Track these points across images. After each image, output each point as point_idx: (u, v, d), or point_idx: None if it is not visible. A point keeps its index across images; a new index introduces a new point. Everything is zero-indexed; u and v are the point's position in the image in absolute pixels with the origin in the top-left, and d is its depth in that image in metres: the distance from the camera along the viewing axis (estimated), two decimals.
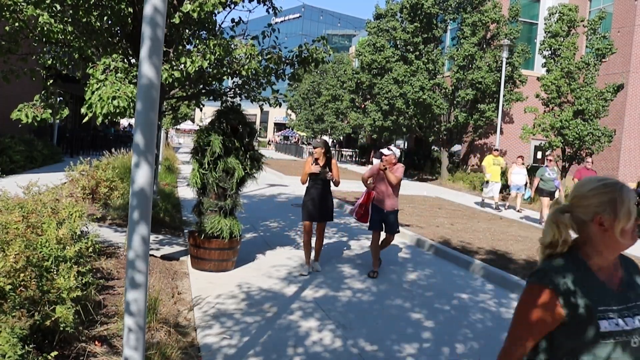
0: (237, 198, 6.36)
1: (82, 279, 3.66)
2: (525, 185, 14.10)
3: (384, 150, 6.63)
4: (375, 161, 24.07)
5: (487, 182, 14.37)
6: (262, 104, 7.37)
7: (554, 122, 15.22)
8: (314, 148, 6.49)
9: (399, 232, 6.84)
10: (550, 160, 12.44)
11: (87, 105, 4.93)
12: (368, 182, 6.68)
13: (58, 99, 5.82)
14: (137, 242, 2.42)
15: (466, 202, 15.42)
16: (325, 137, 43.37)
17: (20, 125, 5.73)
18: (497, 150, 14.99)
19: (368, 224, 6.69)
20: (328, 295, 5.63)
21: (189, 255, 6.43)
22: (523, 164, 14.49)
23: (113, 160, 10.98)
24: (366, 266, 7.07)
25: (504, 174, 14.88)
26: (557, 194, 11.65)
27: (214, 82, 6.83)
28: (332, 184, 6.58)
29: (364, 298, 5.67)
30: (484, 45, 21.41)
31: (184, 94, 7.13)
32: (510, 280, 6.54)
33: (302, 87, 42.15)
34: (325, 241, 8.46)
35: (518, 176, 13.99)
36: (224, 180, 6.17)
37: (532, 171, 18.36)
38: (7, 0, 5.16)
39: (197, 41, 6.12)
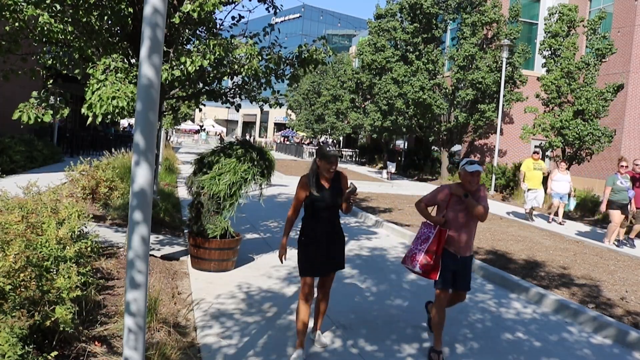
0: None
1: (82, 279, 3.66)
2: (569, 194, 12.16)
3: (470, 167, 4.20)
4: (390, 165, 23.03)
5: (529, 189, 12.44)
6: (262, 104, 7.37)
7: (554, 122, 15.21)
8: (329, 163, 4.00)
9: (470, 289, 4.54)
10: (623, 166, 9.75)
11: (87, 106, 4.93)
12: (436, 215, 4.46)
13: (58, 99, 5.80)
14: (137, 242, 2.42)
15: None
16: (325, 138, 43.30)
17: (22, 126, 5.73)
18: (536, 153, 12.75)
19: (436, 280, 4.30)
20: None
21: (189, 255, 6.43)
22: (567, 169, 12.52)
23: (113, 160, 10.98)
24: (366, 266, 7.07)
25: (545, 180, 12.96)
26: (630, 207, 9.61)
27: (214, 82, 6.83)
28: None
29: (364, 298, 5.67)
30: (484, 46, 21.42)
31: (184, 94, 7.13)
32: (510, 280, 6.54)
33: (302, 87, 42.15)
34: None
35: (560, 183, 12.08)
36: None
37: None
38: (7, 0, 5.16)
39: (197, 41, 6.12)
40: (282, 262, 4.08)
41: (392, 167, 23.14)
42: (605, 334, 5.09)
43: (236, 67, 6.15)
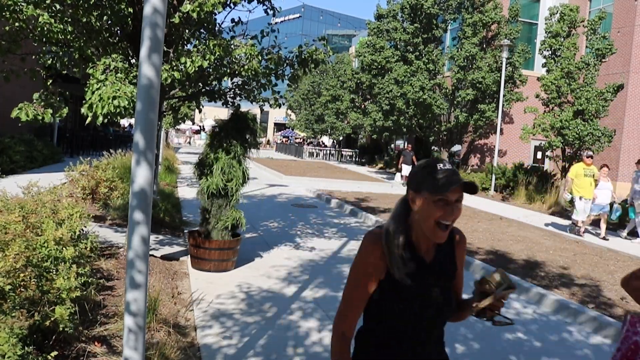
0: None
1: (81, 279, 3.66)
2: (612, 204, 10.66)
3: None
4: (405, 167, 21.08)
5: (579, 198, 10.49)
6: (262, 105, 7.37)
7: (554, 122, 15.21)
8: (445, 205, 1.65)
9: None
10: None
11: (87, 106, 4.93)
12: None
13: (58, 99, 5.80)
14: (137, 242, 2.42)
15: (466, 202, 15.39)
16: (325, 138, 43.26)
17: (20, 124, 5.73)
18: (589, 156, 10.60)
19: None
20: (328, 296, 5.62)
21: (189, 255, 6.43)
22: (607, 175, 10.72)
23: (113, 160, 10.97)
24: None
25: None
26: None
27: (213, 82, 6.83)
28: None
29: None
30: (485, 46, 21.42)
31: (184, 94, 7.13)
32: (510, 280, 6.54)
33: (302, 87, 42.17)
34: (324, 241, 8.47)
35: (602, 192, 10.46)
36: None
37: (529, 173, 18.39)
38: (7, 0, 5.16)
39: (197, 41, 6.12)
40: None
41: (408, 171, 20.68)
42: (605, 333, 5.09)
43: (236, 67, 6.15)
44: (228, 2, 6.17)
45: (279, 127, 66.24)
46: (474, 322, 5.15)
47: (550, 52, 16.10)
